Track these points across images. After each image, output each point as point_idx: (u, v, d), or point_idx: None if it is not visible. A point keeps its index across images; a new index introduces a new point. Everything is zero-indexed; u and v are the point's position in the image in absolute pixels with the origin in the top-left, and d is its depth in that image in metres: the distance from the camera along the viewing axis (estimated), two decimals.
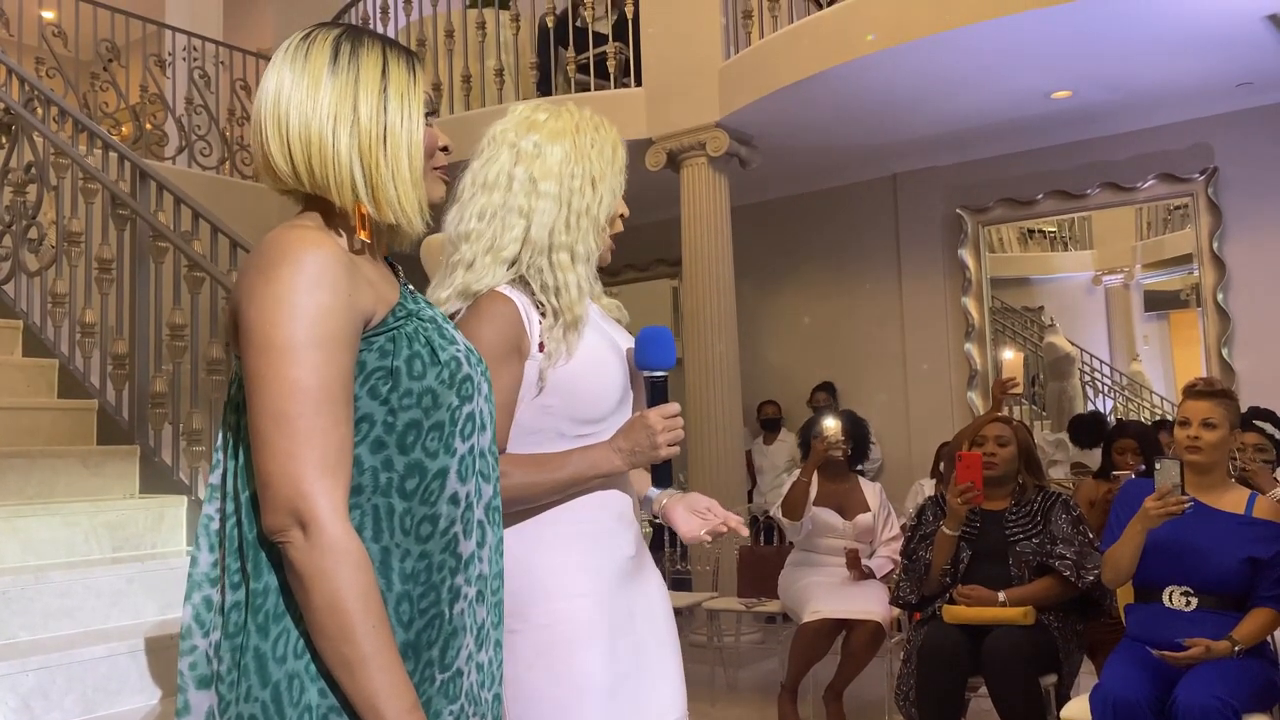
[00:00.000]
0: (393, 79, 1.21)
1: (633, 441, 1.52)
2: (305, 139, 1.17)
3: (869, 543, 4.50)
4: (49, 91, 4.60)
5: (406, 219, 1.21)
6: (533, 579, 1.47)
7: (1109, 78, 5.35)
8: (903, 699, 3.45)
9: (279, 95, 1.18)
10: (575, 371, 1.53)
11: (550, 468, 1.50)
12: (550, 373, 1.51)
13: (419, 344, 1.19)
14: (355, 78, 1.19)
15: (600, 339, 1.58)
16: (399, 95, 1.21)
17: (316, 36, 1.21)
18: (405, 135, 1.20)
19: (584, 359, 1.54)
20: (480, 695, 1.24)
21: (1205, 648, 2.70)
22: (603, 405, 1.55)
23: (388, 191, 1.19)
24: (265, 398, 1.09)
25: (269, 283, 1.11)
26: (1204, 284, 5.92)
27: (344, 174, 1.18)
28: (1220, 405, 2.90)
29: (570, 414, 1.53)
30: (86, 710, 2.56)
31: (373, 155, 1.18)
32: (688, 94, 6.00)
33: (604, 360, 1.56)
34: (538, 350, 1.52)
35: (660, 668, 1.59)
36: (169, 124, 7.47)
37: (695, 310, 6.10)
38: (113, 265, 3.93)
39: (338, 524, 1.08)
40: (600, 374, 1.55)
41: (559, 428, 1.54)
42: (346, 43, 1.21)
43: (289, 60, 1.20)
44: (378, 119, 1.19)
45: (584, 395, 1.53)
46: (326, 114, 1.17)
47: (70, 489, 3.43)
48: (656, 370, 1.57)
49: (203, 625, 1.17)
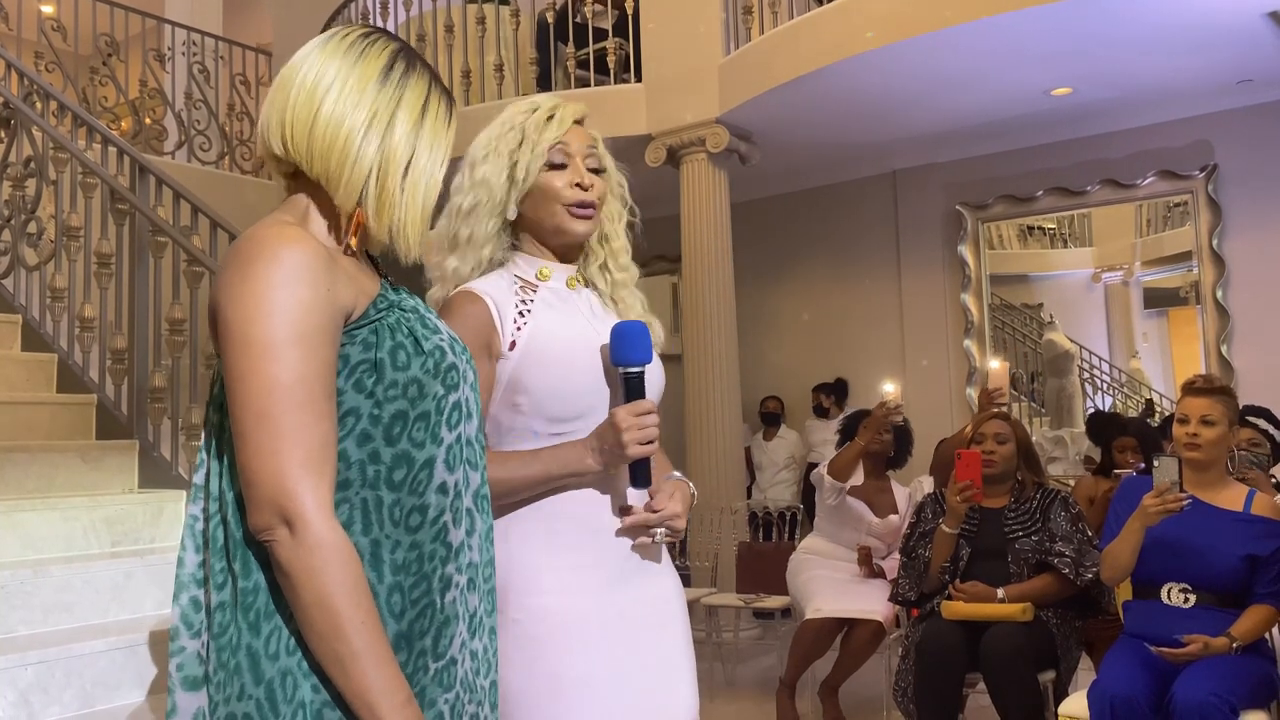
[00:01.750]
0: (430, 114, 1.23)
1: (602, 439, 1.50)
2: (333, 130, 1.17)
3: (890, 544, 4.47)
4: (48, 86, 4.60)
5: (405, 243, 1.22)
6: (506, 574, 1.45)
7: (1109, 74, 5.34)
8: (901, 695, 3.45)
9: (320, 78, 1.18)
10: (543, 369, 1.52)
11: (518, 464, 1.49)
12: (509, 368, 1.51)
13: (402, 334, 1.19)
14: (400, 98, 1.20)
15: (579, 336, 1.57)
16: (432, 132, 1.23)
17: (377, 40, 1.23)
18: (427, 170, 1.22)
19: (552, 357, 1.53)
20: (476, 682, 1.24)
21: (1203, 644, 2.70)
22: (572, 405, 1.53)
23: (395, 213, 1.20)
24: (246, 396, 1.08)
25: (246, 280, 1.10)
26: (1203, 281, 5.92)
27: (358, 178, 1.18)
28: (1219, 402, 2.90)
29: (540, 412, 1.52)
30: (85, 705, 2.56)
31: (393, 174, 1.19)
32: (688, 90, 6.00)
33: (575, 359, 1.54)
34: (508, 349, 1.52)
35: (667, 673, 1.57)
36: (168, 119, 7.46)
37: (695, 306, 6.10)
38: (112, 260, 3.92)
39: (323, 520, 1.08)
40: (569, 373, 1.53)
41: (531, 426, 1.53)
42: (403, 60, 1.22)
43: (343, 52, 1.20)
44: (407, 143, 1.20)
45: (550, 394, 1.52)
46: (363, 118, 1.18)
47: (69, 483, 3.43)
48: (630, 366, 1.53)
49: (190, 626, 1.16)
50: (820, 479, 4.42)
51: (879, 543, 4.45)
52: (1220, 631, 2.74)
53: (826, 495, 4.42)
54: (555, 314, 1.58)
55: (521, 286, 1.60)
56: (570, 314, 1.61)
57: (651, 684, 1.55)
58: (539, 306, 1.58)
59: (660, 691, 1.56)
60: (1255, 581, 2.82)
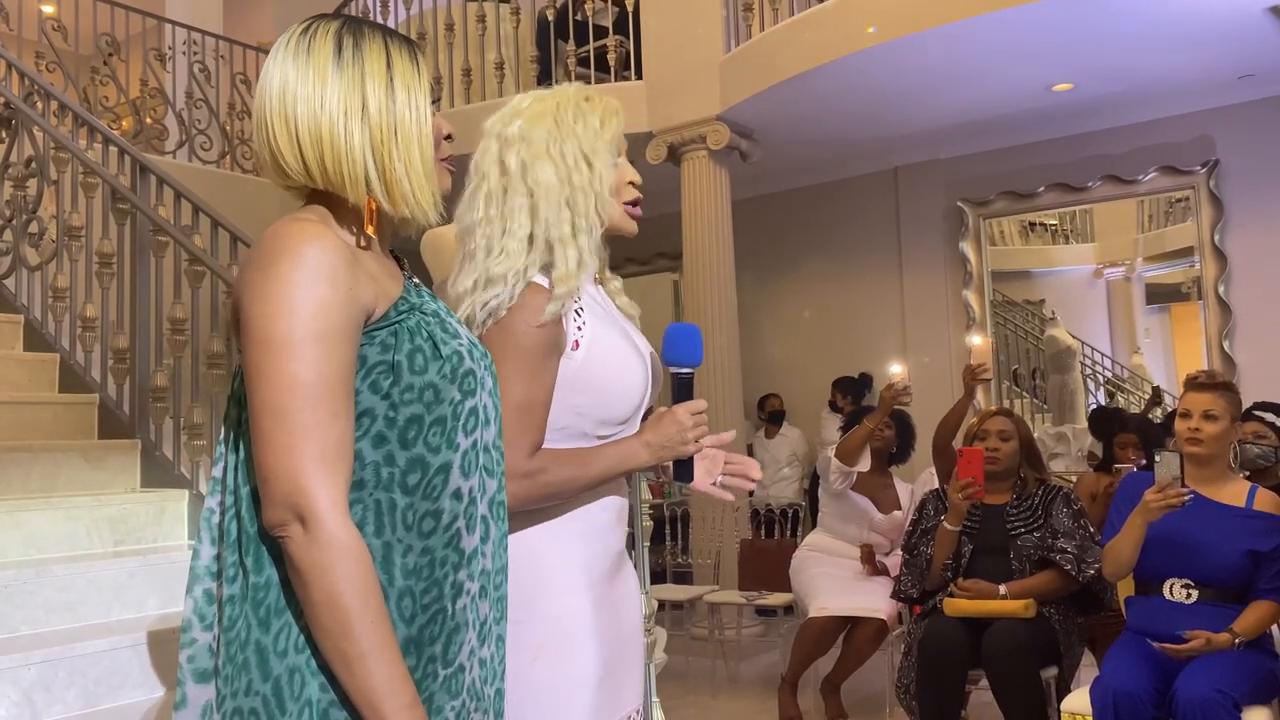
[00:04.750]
0: (398, 70, 1.20)
1: (662, 436, 1.52)
2: (316, 136, 1.16)
3: (893, 540, 4.46)
4: (49, 86, 4.60)
5: (421, 211, 1.21)
6: (539, 574, 1.47)
7: (1110, 70, 5.34)
8: (903, 692, 3.46)
9: (284, 91, 1.17)
10: (605, 370, 1.52)
11: (587, 463, 1.50)
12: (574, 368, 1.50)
13: (421, 338, 1.18)
14: (361, 71, 1.18)
15: (622, 339, 1.58)
16: (405, 86, 1.19)
17: (317, 29, 1.20)
18: (415, 126, 1.19)
19: (612, 358, 1.53)
20: (483, 691, 1.23)
21: (1205, 640, 2.70)
22: (628, 405, 1.55)
23: (402, 186, 1.18)
24: (265, 392, 1.09)
25: (268, 278, 1.10)
26: (1205, 276, 5.92)
27: (358, 170, 1.17)
28: (1221, 397, 2.90)
29: (598, 414, 1.52)
30: (88, 704, 2.56)
31: (386, 149, 1.17)
32: (688, 87, 6.00)
33: (629, 360, 1.55)
34: (572, 349, 1.51)
35: (634, 660, 1.61)
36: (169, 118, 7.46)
37: (696, 304, 6.10)
38: (113, 260, 3.92)
39: (337, 519, 1.08)
40: (626, 374, 1.54)
41: (583, 428, 1.53)
42: (349, 35, 1.19)
43: (291, 55, 1.18)
44: (387, 111, 1.18)
45: (613, 395, 1.53)
46: (336, 110, 1.16)
47: (72, 483, 3.43)
48: (684, 367, 1.57)
49: (203, 619, 1.16)
50: (827, 462, 4.39)
51: (883, 539, 4.45)
52: (1222, 627, 2.74)
53: (833, 480, 4.36)
54: (602, 314, 1.58)
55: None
56: (611, 315, 1.61)
57: (626, 673, 1.58)
58: (589, 305, 1.57)
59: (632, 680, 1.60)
60: (1258, 577, 2.82)
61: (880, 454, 4.50)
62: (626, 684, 1.57)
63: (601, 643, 1.51)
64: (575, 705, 1.47)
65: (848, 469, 4.30)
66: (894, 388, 4.08)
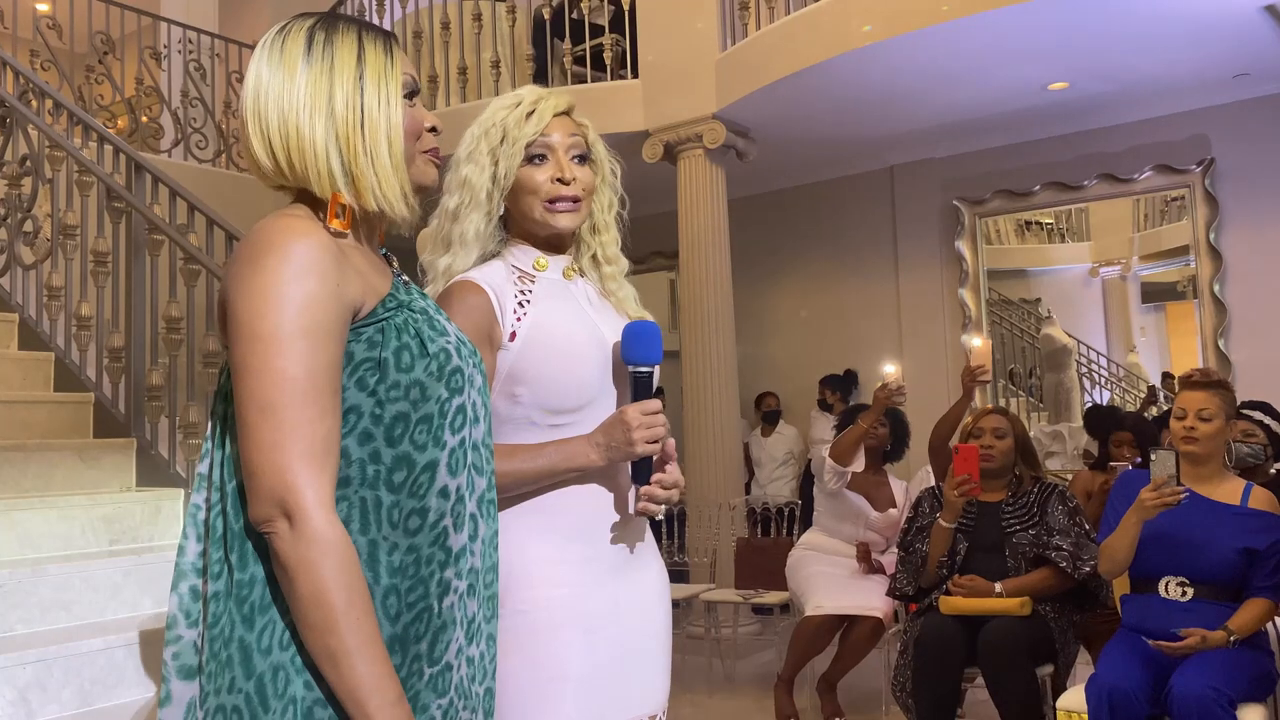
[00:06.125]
0: (369, 63, 1.19)
1: (610, 437, 1.51)
2: (284, 133, 1.17)
3: (889, 538, 4.46)
4: (44, 84, 4.59)
5: (389, 205, 1.20)
6: (510, 567, 1.46)
7: (1106, 69, 5.35)
8: (899, 690, 3.46)
9: (258, 91, 1.18)
10: (541, 361, 1.52)
11: (523, 458, 1.50)
12: (510, 359, 1.52)
13: (408, 335, 1.18)
14: (330, 65, 1.18)
15: (580, 327, 1.57)
16: (375, 79, 1.19)
17: (292, 28, 1.21)
18: (384, 120, 1.19)
19: (551, 348, 1.53)
20: (471, 689, 1.23)
21: (1201, 638, 2.71)
22: (573, 396, 1.54)
23: (367, 178, 1.18)
24: (251, 388, 1.08)
25: (256, 272, 1.10)
26: (1201, 275, 5.93)
27: (322, 164, 1.17)
28: (1216, 396, 2.90)
29: (539, 404, 1.53)
30: (84, 703, 2.56)
31: (350, 143, 1.17)
32: (684, 86, 6.00)
33: (577, 350, 1.55)
34: (509, 340, 1.52)
35: (645, 662, 1.59)
36: (164, 117, 7.45)
37: (692, 302, 6.10)
38: (108, 258, 3.92)
39: (323, 515, 1.07)
40: (571, 365, 1.54)
41: (530, 417, 1.53)
42: (321, 31, 1.20)
43: (266, 55, 1.19)
44: (354, 105, 1.17)
45: (551, 385, 1.53)
46: (302, 105, 1.16)
47: (67, 482, 3.43)
48: (641, 365, 1.55)
49: (188, 615, 1.16)
50: (821, 462, 4.37)
51: (878, 537, 4.45)
52: (1218, 625, 2.74)
53: (828, 479, 4.35)
54: (555, 304, 1.58)
55: (519, 276, 1.60)
56: (569, 305, 1.61)
57: (635, 674, 1.57)
58: (539, 296, 1.58)
59: (642, 682, 1.58)
60: (1253, 575, 2.82)
61: (875, 452, 4.49)
62: (631, 686, 1.55)
63: (586, 639, 1.49)
64: (549, 700, 1.46)
65: (842, 468, 4.30)
66: (887, 388, 4.07)
